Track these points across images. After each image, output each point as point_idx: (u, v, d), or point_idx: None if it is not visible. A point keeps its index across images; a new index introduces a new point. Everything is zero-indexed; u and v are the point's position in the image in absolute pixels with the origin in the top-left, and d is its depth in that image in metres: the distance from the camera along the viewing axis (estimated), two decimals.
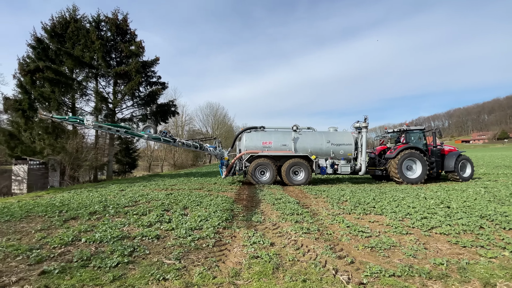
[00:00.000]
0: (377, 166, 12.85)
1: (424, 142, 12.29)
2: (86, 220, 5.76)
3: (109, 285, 2.79)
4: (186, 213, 6.23)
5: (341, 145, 12.24)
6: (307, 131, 12.76)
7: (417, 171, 11.62)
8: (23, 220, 6.00)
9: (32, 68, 15.32)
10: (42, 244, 4.20)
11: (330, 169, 11.94)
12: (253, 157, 11.85)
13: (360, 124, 12.23)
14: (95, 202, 7.77)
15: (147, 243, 4.24)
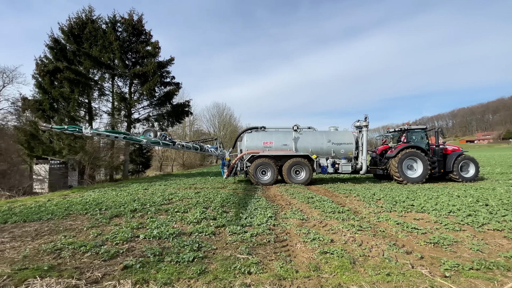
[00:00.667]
0: (378, 165, 12.88)
1: (426, 141, 12.22)
2: (131, 218, 5.81)
3: (201, 277, 2.83)
4: (226, 211, 6.27)
5: (341, 144, 12.28)
6: (307, 131, 12.82)
7: (418, 171, 11.56)
8: (66, 218, 6.07)
9: (51, 69, 15.45)
10: (103, 241, 4.26)
11: (331, 168, 11.97)
12: (254, 157, 11.88)
13: (361, 123, 12.24)
14: (129, 201, 7.84)
15: (207, 239, 4.29)
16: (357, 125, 12.45)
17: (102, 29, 17.17)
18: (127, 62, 17.09)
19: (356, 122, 12.57)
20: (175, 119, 18.53)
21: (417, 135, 12.34)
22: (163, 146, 11.69)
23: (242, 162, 12.23)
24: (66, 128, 8.96)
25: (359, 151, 12.26)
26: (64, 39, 17.03)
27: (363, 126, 12.13)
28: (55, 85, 15.35)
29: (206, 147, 13.52)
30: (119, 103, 15.64)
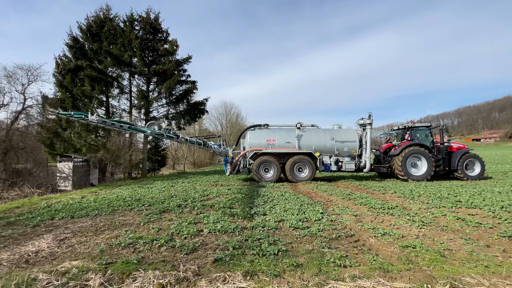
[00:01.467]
0: (382, 163, 12.79)
1: (431, 139, 12.11)
2: (179, 213, 5.81)
3: (303, 269, 2.80)
4: (272, 207, 6.24)
5: (345, 142, 12.21)
6: (311, 129, 12.78)
7: (422, 168, 11.43)
8: (114, 214, 6.09)
9: (72, 67, 15.53)
10: (169, 235, 4.24)
11: (334, 166, 11.91)
12: (257, 155, 11.85)
13: (365, 121, 12.16)
14: (168, 197, 7.85)
15: (272, 233, 4.26)
16: (361, 123, 12.39)
17: (120, 27, 17.21)
18: (146, 61, 17.09)
19: (360, 120, 12.51)
20: (192, 117, 18.53)
21: (421, 133, 12.23)
22: (167, 138, 11.65)
23: (245, 159, 12.23)
24: (72, 114, 8.81)
25: (362, 149, 12.20)
26: (83, 38, 17.10)
27: (367, 124, 12.07)
28: (76, 83, 15.41)
29: (210, 143, 13.51)
30: (140, 100, 15.65)
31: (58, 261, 3.34)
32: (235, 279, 2.50)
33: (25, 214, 6.43)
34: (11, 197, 8.95)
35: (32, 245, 3.95)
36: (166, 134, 10.94)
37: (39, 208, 7.12)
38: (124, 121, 10.92)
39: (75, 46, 16.57)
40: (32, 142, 12.55)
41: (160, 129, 11.69)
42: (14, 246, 4.06)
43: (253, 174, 11.68)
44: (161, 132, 10.95)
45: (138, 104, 15.55)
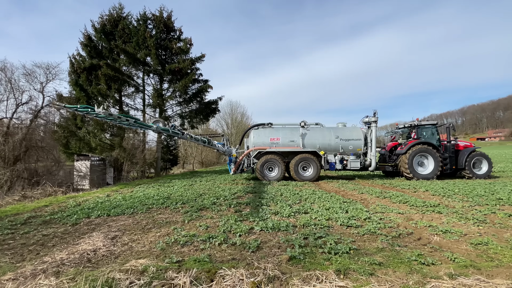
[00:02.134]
0: (387, 162, 12.64)
1: (437, 137, 11.94)
2: (218, 211, 5.71)
3: (389, 268, 2.69)
4: (311, 206, 6.13)
5: (350, 141, 12.08)
6: (315, 127, 12.64)
7: (429, 167, 11.25)
8: (150, 212, 6.00)
9: (87, 66, 15.48)
10: (222, 233, 4.14)
11: (339, 164, 11.80)
12: (261, 154, 11.72)
13: (370, 119, 12.01)
14: (197, 195, 7.78)
15: (326, 231, 4.14)
16: (366, 120, 12.25)
17: (134, 26, 17.15)
18: (160, 59, 17.01)
19: (364, 118, 12.37)
20: (204, 116, 18.45)
21: (427, 131, 12.08)
22: (173, 134, 11.43)
23: (249, 158, 12.13)
24: (78, 107, 8.36)
25: (367, 148, 12.07)
26: (96, 37, 17.05)
27: (372, 122, 11.94)
28: (91, 82, 15.36)
29: (214, 142, 13.43)
30: (155, 99, 15.57)
31: (122, 260, 3.25)
32: (329, 277, 2.39)
33: (58, 213, 6.36)
34: (35, 196, 8.90)
35: (86, 244, 3.86)
36: (172, 130, 10.82)
37: (69, 206, 7.06)
38: (130, 116, 10.71)
39: (89, 45, 16.52)
40: (50, 140, 12.49)
41: (165, 125, 11.61)
42: (66, 245, 3.98)
43: (257, 173, 11.58)
44: (167, 128, 10.85)
45: (154, 102, 15.48)
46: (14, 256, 3.66)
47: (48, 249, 3.88)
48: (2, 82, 10.66)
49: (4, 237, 4.64)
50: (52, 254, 3.53)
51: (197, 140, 12.66)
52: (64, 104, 8.60)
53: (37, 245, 4.11)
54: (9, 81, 11.01)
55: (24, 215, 6.38)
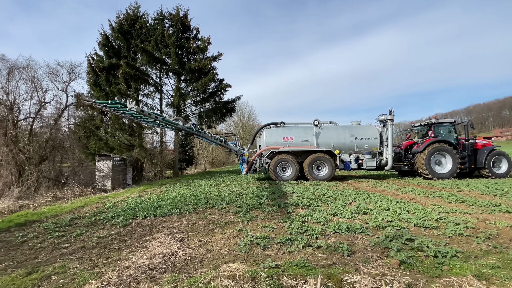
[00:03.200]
0: (403, 161, 12.33)
1: (455, 135, 11.63)
2: (269, 212, 5.47)
3: None
4: (362, 204, 5.87)
5: (365, 139, 11.77)
6: (329, 126, 12.37)
7: (447, 166, 10.93)
8: (197, 212, 5.78)
9: (106, 65, 15.34)
10: (297, 234, 3.91)
11: (354, 164, 11.52)
12: (274, 153, 11.48)
13: (385, 117, 11.71)
14: (236, 195, 7.55)
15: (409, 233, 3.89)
16: (382, 119, 11.95)
17: (151, 25, 17.01)
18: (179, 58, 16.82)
19: (380, 116, 12.07)
20: (220, 115, 18.23)
21: (444, 129, 11.76)
22: (196, 132, 11.20)
23: (262, 158, 11.87)
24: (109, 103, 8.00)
25: (383, 146, 11.78)
26: (113, 36, 16.92)
27: (388, 120, 11.64)
28: (110, 81, 15.22)
29: (229, 142, 13.22)
30: (176, 98, 15.38)
31: (208, 264, 3.03)
32: (472, 283, 2.14)
33: (100, 214, 6.17)
34: (66, 196, 8.74)
35: (159, 247, 3.64)
36: (195, 129, 10.60)
37: (107, 207, 6.88)
38: (159, 113, 10.43)
39: (107, 45, 16.38)
40: (73, 140, 12.35)
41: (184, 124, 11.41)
42: (134, 248, 3.76)
43: (271, 173, 11.32)
44: (191, 126, 10.63)
45: (174, 101, 15.28)
46: (82, 261, 3.44)
47: (116, 252, 3.66)
48: (25, 81, 10.51)
49: (57, 240, 4.44)
50: (129, 259, 3.31)
51: (216, 139, 12.47)
52: (94, 100, 8.18)
53: (100, 249, 3.89)
54: (32, 80, 10.86)
55: (64, 216, 6.19)
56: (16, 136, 9.94)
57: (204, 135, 11.74)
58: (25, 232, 4.92)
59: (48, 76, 11.85)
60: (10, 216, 6.12)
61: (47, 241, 4.43)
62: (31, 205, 7.40)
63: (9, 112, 9.70)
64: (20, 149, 10.03)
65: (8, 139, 9.69)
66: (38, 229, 5.20)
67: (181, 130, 10.33)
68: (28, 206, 7.28)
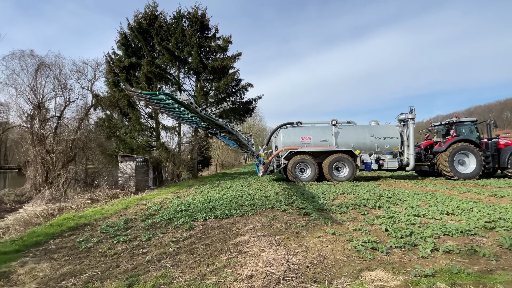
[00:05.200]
0: (423, 161, 12.02)
1: (477, 135, 11.33)
2: (343, 213, 5.10)
3: None
4: (432, 206, 5.50)
5: (386, 139, 11.47)
6: (347, 125, 12.11)
7: (471, 166, 10.64)
8: (262, 214, 5.40)
9: (126, 64, 15.00)
10: (406, 237, 3.54)
11: (375, 164, 11.19)
12: (292, 154, 11.16)
13: (406, 116, 11.45)
14: (284, 195, 7.16)
15: None
16: (402, 118, 11.68)
17: (170, 23, 16.70)
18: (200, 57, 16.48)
19: (400, 115, 11.80)
20: (241, 115, 17.85)
21: (466, 128, 11.45)
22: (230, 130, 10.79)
23: (278, 159, 11.51)
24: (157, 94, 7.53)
25: (404, 146, 11.48)
26: (132, 35, 16.59)
27: (409, 119, 11.35)
28: (131, 80, 14.86)
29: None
30: (200, 97, 15.01)
31: (343, 272, 2.64)
32: None
33: (152, 216, 5.79)
34: (100, 198, 8.32)
35: (262, 252, 3.24)
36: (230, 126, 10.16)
37: (154, 209, 6.48)
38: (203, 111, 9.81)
39: (126, 44, 16.06)
40: (98, 141, 11.95)
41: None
42: (230, 254, 3.37)
43: (289, 174, 10.97)
44: (226, 123, 10.18)
45: (198, 101, 14.91)
46: (182, 269, 3.03)
47: (211, 258, 3.27)
48: (52, 79, 10.13)
49: (127, 245, 4.05)
50: (238, 266, 2.92)
51: (242, 138, 12.08)
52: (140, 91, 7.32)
53: (186, 254, 3.50)
54: (57, 78, 10.48)
55: (113, 219, 5.81)
56: (43, 135, 9.54)
57: (236, 133, 11.34)
58: (84, 237, 4.53)
59: (74, 74, 11.44)
60: (56, 220, 5.72)
61: (117, 246, 4.04)
62: (69, 207, 6.99)
63: (37, 111, 9.34)
64: (47, 149, 9.63)
65: (36, 139, 9.30)
66: (96, 233, 4.80)
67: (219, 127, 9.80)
68: (67, 208, 6.87)
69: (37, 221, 5.83)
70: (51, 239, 4.58)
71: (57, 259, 3.69)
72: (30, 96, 9.38)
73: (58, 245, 4.32)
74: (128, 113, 14.61)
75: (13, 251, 4.06)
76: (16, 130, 13.79)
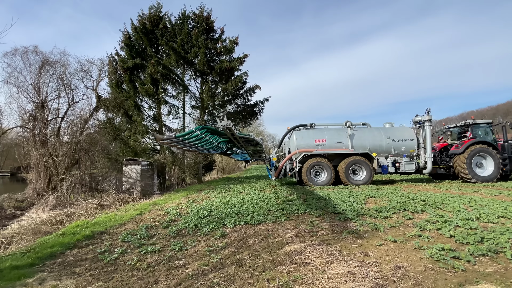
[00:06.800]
0: (438, 164, 11.75)
1: (493, 137, 11.21)
2: (386, 218, 4.70)
3: None
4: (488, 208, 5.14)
5: (402, 141, 11.19)
6: (363, 127, 11.84)
7: (489, 168, 10.41)
8: (294, 220, 4.97)
9: (130, 65, 14.53)
10: (477, 243, 3.14)
11: (391, 167, 10.89)
12: (306, 157, 10.80)
13: (422, 118, 11.21)
14: (316, 200, 6.72)
15: None
16: (418, 119, 11.41)
17: (175, 24, 16.34)
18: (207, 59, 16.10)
19: (416, 117, 11.55)
20: (247, 118, 17.43)
21: (482, 130, 11.30)
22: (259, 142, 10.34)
23: (291, 162, 11.12)
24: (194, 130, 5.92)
25: (421, 148, 11.22)
26: (135, 36, 16.18)
27: (425, 121, 11.08)
28: (134, 82, 14.37)
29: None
30: (208, 99, 14.55)
31: (449, 286, 2.22)
32: None
33: (174, 223, 5.28)
34: (109, 203, 7.76)
35: (328, 263, 2.80)
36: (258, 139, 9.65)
37: (173, 214, 5.98)
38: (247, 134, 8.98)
39: (129, 44, 15.61)
40: (103, 144, 11.34)
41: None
42: (286, 266, 2.92)
43: (304, 178, 10.53)
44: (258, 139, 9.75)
45: (205, 103, 14.45)
46: (238, 285, 2.59)
47: (267, 272, 2.82)
48: (56, 78, 9.56)
49: (158, 256, 3.57)
50: (308, 282, 2.47)
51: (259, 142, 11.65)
52: (174, 134, 5.76)
53: (234, 266, 3.04)
54: (61, 77, 9.93)
55: (130, 226, 5.31)
56: (46, 137, 8.96)
57: (262, 144, 10.87)
58: (105, 247, 4.03)
59: (78, 73, 10.89)
60: (68, 228, 5.16)
61: (146, 257, 3.55)
62: (78, 214, 6.44)
63: (40, 111, 8.76)
64: (50, 152, 9.03)
65: (38, 141, 8.71)
66: (117, 243, 4.30)
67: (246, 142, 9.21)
68: (76, 215, 6.31)
69: (46, 229, 5.28)
70: (67, 250, 4.05)
71: (81, 274, 3.18)
72: (33, 95, 8.82)
73: (77, 256, 3.80)
74: (132, 115, 14.07)
75: (27, 265, 3.52)
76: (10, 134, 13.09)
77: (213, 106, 15.66)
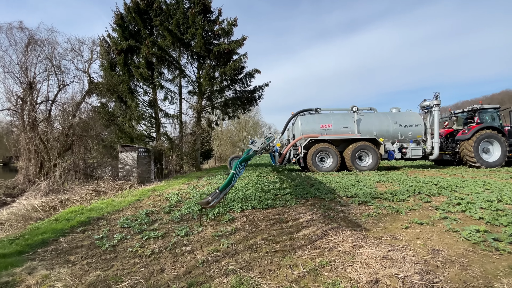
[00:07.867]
0: (444, 150, 11.65)
1: (500, 122, 11.09)
2: (401, 200, 4.43)
3: None
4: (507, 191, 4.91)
5: (410, 126, 11.05)
6: (369, 112, 11.65)
7: (495, 154, 10.37)
8: (306, 203, 4.67)
9: (124, 47, 13.79)
10: None
11: (398, 153, 10.75)
12: (312, 142, 10.56)
13: (431, 102, 11.02)
14: (334, 183, 6.44)
15: None
16: (426, 104, 11.20)
17: (170, 4, 15.47)
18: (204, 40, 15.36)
19: (423, 102, 11.35)
20: (246, 104, 16.92)
21: (489, 115, 11.14)
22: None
23: (296, 148, 10.87)
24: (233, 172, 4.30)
25: (427, 134, 11.07)
26: (128, 17, 15.30)
27: (433, 105, 10.87)
28: (129, 65, 13.68)
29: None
30: (206, 83, 13.96)
31: (501, 270, 1.94)
32: None
33: (176, 208, 4.96)
34: (105, 189, 7.38)
35: (376, 249, 2.51)
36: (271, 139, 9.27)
37: (175, 200, 5.64)
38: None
39: (122, 25, 14.78)
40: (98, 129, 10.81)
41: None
42: (308, 251, 2.62)
43: (309, 164, 10.30)
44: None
45: (203, 88, 13.89)
46: (257, 272, 2.29)
47: (291, 257, 2.51)
48: (44, 58, 8.92)
49: (163, 242, 3.25)
50: (343, 268, 2.17)
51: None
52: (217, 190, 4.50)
53: (249, 252, 2.73)
54: (49, 58, 9.28)
55: (128, 211, 4.96)
56: (36, 119, 8.42)
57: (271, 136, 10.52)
58: (103, 233, 3.69)
59: (68, 53, 10.22)
60: (62, 213, 4.81)
61: (149, 244, 3.22)
62: (73, 200, 6.06)
63: (28, 92, 8.18)
64: (40, 136, 8.53)
65: (27, 124, 8.18)
66: (115, 228, 3.96)
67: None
68: (70, 201, 5.94)
69: (38, 216, 4.90)
70: (60, 237, 3.70)
71: (76, 263, 2.84)
72: (20, 75, 8.21)
73: (71, 243, 3.45)
74: (126, 100, 13.47)
75: (15, 253, 3.16)
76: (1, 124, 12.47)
77: (211, 91, 15.07)
